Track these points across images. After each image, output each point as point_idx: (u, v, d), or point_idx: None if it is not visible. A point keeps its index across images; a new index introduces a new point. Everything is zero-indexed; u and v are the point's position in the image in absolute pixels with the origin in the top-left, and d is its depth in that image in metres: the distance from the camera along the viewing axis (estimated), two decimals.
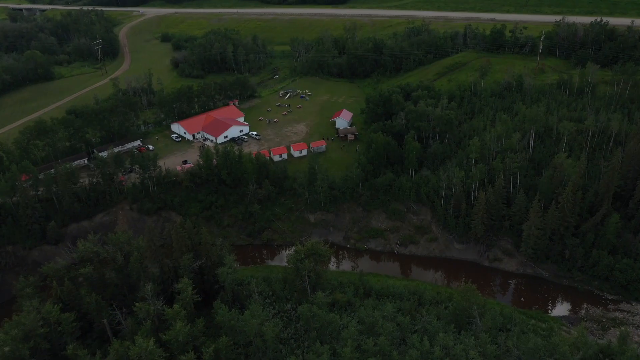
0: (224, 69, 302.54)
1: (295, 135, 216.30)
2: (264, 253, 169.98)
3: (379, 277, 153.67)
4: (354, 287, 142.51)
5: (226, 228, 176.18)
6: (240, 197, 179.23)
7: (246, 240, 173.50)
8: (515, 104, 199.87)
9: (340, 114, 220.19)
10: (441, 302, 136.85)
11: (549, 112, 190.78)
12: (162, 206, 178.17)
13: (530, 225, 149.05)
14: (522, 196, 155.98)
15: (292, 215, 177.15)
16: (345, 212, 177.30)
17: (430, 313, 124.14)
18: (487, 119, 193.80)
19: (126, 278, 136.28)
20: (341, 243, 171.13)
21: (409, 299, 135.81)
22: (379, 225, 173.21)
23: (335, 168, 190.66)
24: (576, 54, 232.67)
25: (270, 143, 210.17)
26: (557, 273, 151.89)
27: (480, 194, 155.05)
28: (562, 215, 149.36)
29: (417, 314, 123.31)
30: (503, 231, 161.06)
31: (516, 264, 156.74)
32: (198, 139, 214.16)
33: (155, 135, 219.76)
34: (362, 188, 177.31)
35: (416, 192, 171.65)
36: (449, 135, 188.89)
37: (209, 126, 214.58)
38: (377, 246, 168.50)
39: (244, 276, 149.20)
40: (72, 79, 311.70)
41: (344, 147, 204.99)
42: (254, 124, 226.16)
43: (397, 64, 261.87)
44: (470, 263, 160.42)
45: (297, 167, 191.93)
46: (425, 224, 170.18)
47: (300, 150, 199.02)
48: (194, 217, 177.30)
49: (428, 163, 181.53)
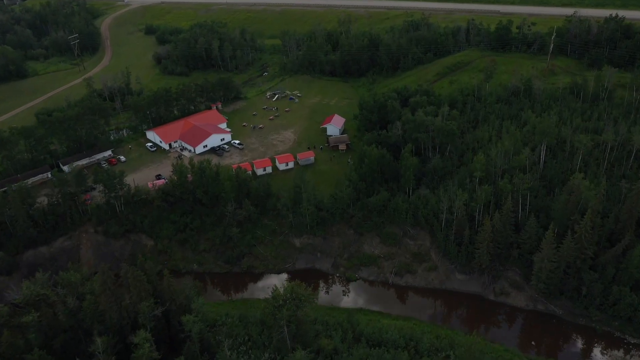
0: (209, 66, 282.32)
1: (282, 143, 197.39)
2: (244, 283, 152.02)
3: (371, 315, 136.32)
4: (342, 330, 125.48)
5: (202, 253, 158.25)
6: (218, 218, 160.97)
7: (224, 267, 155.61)
8: (524, 111, 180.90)
9: (332, 119, 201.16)
10: (441, 350, 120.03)
11: (561, 121, 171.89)
12: (130, 228, 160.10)
13: (543, 258, 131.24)
14: (533, 222, 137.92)
15: (275, 239, 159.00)
16: (335, 236, 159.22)
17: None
18: (493, 129, 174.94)
19: (80, 322, 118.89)
20: (329, 271, 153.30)
21: (404, 347, 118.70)
22: (371, 250, 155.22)
23: (324, 183, 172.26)
24: (589, 53, 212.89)
25: (254, 153, 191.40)
26: (572, 311, 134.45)
27: (486, 221, 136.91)
28: (579, 246, 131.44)
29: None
30: (511, 261, 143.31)
31: (525, 299, 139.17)
32: (175, 148, 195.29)
33: (129, 143, 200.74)
34: (353, 208, 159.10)
35: (413, 215, 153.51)
36: (450, 147, 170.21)
37: (186, 134, 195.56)
38: (370, 275, 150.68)
39: (218, 315, 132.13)
40: (47, 76, 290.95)
41: (335, 157, 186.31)
42: (237, 131, 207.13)
43: (394, 62, 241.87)
44: (473, 296, 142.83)
45: (282, 182, 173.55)
46: (423, 251, 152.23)
47: (286, 163, 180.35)
48: (166, 240, 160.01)
49: (427, 180, 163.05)
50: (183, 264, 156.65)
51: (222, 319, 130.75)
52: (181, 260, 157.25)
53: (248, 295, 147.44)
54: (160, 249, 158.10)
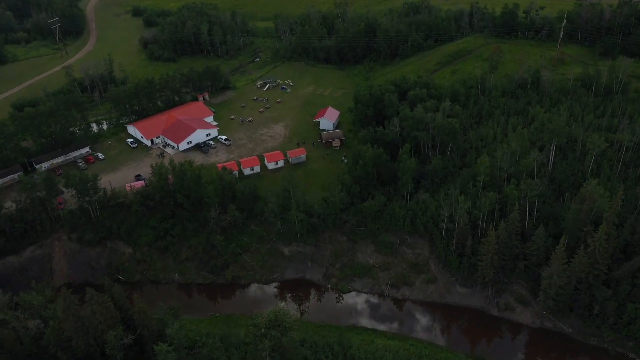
0: (198, 51, 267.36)
1: (272, 139, 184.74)
2: (228, 295, 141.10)
3: (364, 334, 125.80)
4: (332, 354, 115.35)
5: (184, 262, 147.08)
6: (201, 223, 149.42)
7: (207, 277, 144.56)
8: (531, 106, 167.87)
9: (325, 113, 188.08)
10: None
11: (571, 118, 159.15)
12: (107, 235, 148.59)
13: (552, 274, 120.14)
14: (542, 232, 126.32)
15: (262, 247, 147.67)
16: (327, 243, 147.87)
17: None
18: (498, 126, 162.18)
19: (45, 349, 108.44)
20: (321, 282, 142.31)
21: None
22: (366, 260, 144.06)
23: (316, 184, 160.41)
24: (602, 40, 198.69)
25: (242, 150, 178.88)
26: (582, 330, 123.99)
27: (490, 231, 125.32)
28: (591, 261, 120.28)
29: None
30: (517, 273, 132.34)
31: (532, 315, 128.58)
32: (157, 144, 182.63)
33: (109, 139, 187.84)
34: (346, 213, 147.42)
35: (411, 222, 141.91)
36: (451, 146, 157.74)
37: (169, 130, 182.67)
38: (364, 287, 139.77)
39: (198, 334, 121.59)
40: (28, 62, 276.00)
41: (328, 155, 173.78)
42: (225, 125, 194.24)
43: (393, 49, 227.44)
44: (475, 311, 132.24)
45: (271, 183, 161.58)
46: (421, 261, 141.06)
47: (275, 162, 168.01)
48: (145, 247, 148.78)
49: (426, 183, 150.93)
50: (163, 274, 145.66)
51: (202, 339, 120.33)
52: (161, 270, 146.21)
53: (232, 309, 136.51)
54: (139, 258, 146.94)
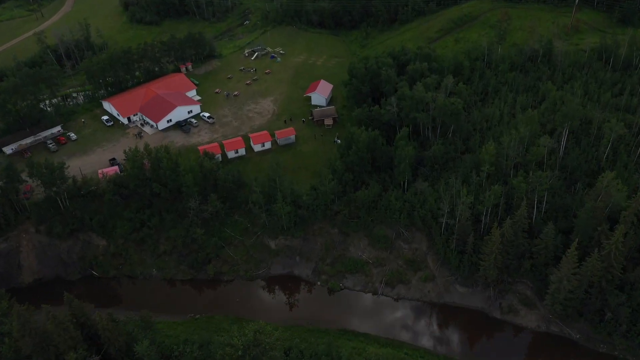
0: (183, 13, 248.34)
1: (259, 116, 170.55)
2: (210, 293, 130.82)
3: (356, 340, 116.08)
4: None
5: (162, 256, 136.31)
6: (180, 214, 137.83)
7: (188, 273, 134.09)
8: (542, 82, 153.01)
9: (317, 87, 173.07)
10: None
11: (587, 97, 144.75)
12: (78, 227, 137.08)
13: (561, 278, 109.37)
14: (551, 230, 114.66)
15: (247, 240, 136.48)
16: (317, 236, 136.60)
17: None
18: (505, 105, 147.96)
19: None
20: (310, 278, 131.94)
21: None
22: (359, 254, 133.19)
23: (306, 169, 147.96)
24: (620, 6, 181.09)
25: (227, 129, 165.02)
26: (591, 336, 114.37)
27: (494, 230, 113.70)
28: (605, 265, 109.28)
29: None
30: (522, 272, 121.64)
31: (537, 319, 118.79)
32: (135, 122, 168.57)
33: (83, 115, 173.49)
34: (338, 203, 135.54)
35: (408, 215, 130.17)
36: (453, 128, 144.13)
37: (148, 106, 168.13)
38: (356, 285, 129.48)
39: (175, 341, 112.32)
40: (0, 25, 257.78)
41: (322, 136, 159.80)
42: (208, 99, 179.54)
43: (392, 13, 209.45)
44: (475, 313, 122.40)
45: (257, 167, 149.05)
46: (419, 257, 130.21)
47: (262, 144, 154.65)
48: (120, 240, 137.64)
49: (426, 170, 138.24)
50: (140, 269, 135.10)
51: (179, 347, 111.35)
52: (138, 265, 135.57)
53: (214, 309, 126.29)
54: (113, 251, 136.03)
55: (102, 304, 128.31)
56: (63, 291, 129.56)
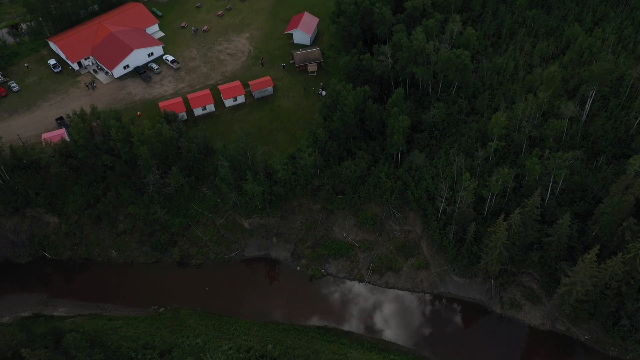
0: None
1: (232, 59, 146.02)
2: (176, 280, 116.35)
3: (337, 341, 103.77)
4: None
5: (122, 236, 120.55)
6: (139, 189, 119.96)
7: (151, 255, 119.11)
8: (568, 23, 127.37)
9: (300, 22, 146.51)
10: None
11: (620, 45, 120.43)
12: (23, 203, 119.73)
13: (575, 282, 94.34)
14: (566, 221, 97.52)
15: (217, 217, 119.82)
16: (296, 213, 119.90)
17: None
18: (521, 54, 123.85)
19: None
20: (288, 262, 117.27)
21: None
22: (343, 236, 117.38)
23: (285, 129, 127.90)
24: None
25: (194, 76, 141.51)
26: (601, 338, 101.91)
27: (500, 223, 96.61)
28: (628, 269, 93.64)
29: None
30: (528, 263, 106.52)
31: (542, 316, 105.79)
32: (87, 68, 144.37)
33: (26, 58, 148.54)
34: (320, 177, 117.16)
35: (401, 193, 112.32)
36: (457, 83, 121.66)
37: (100, 49, 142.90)
38: (340, 271, 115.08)
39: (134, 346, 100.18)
40: None
41: (305, 88, 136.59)
42: (173, 36, 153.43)
43: None
44: (473, 306, 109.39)
45: (228, 127, 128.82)
46: (411, 241, 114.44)
47: (234, 98, 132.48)
48: (74, 216, 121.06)
49: (423, 136, 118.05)
50: (98, 250, 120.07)
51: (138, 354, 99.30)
52: (95, 245, 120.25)
53: (181, 299, 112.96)
54: (66, 230, 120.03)
55: (55, 292, 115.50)
56: (13, 276, 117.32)
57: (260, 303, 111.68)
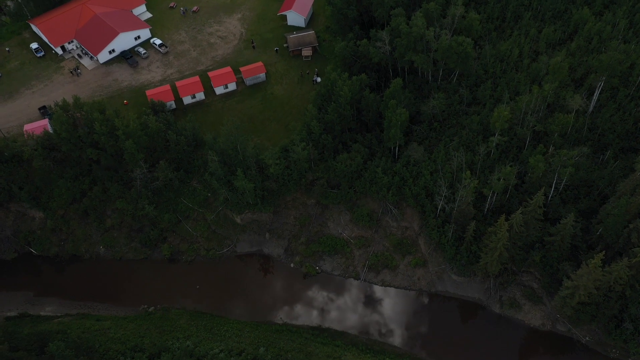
0: None
1: (223, 42, 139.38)
2: (166, 278, 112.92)
3: (331, 343, 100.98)
4: None
5: (110, 232, 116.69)
6: (126, 183, 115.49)
7: (140, 252, 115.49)
8: (576, 7, 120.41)
9: (294, 2, 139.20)
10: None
11: (632, 30, 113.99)
12: (6, 197, 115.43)
13: (578, 286, 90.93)
14: (570, 221, 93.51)
15: (208, 212, 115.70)
16: (289, 208, 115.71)
17: None
18: (527, 40, 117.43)
19: None
20: (282, 258, 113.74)
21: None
22: (339, 232, 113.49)
23: (278, 120, 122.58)
24: None
25: (183, 61, 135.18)
26: (603, 340, 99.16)
27: (501, 223, 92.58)
28: (634, 273, 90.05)
29: None
30: (529, 262, 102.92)
31: (542, 316, 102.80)
32: (71, 52, 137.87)
33: (8, 42, 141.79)
34: (314, 170, 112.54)
35: (398, 189, 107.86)
36: (458, 71, 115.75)
37: (84, 32, 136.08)
38: (335, 268, 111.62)
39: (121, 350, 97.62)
40: None
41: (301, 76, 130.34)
42: (161, 17, 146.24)
43: None
44: (471, 305, 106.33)
45: (219, 115, 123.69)
46: (409, 238, 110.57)
47: (225, 85, 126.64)
48: (60, 211, 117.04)
49: (421, 128, 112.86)
50: (86, 246, 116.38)
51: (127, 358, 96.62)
52: (83, 241, 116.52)
53: (171, 299, 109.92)
54: (52, 226, 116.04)
55: (42, 290, 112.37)
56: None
57: (253, 302, 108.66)
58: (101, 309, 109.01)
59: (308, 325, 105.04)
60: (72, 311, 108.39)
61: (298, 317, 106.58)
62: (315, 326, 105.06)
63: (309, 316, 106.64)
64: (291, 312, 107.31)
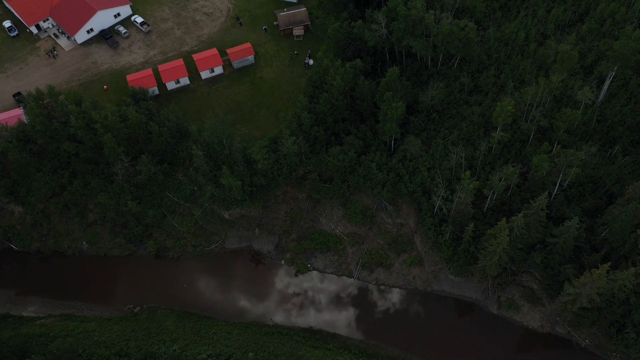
0: None
1: (209, 19, 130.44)
2: (152, 275, 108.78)
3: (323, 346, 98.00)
4: None
5: (93, 227, 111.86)
6: (108, 177, 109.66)
7: (125, 248, 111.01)
8: None
9: None
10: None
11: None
12: None
13: (581, 293, 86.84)
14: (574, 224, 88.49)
15: (195, 207, 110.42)
16: (280, 203, 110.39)
17: None
18: (533, 21, 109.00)
19: None
20: (272, 255, 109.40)
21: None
22: (331, 228, 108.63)
23: (268, 106, 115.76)
24: None
25: (166, 41, 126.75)
26: (603, 344, 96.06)
27: (501, 226, 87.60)
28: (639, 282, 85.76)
29: None
30: (529, 263, 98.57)
31: (541, 318, 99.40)
32: (47, 30, 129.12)
33: None
34: (305, 163, 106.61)
35: (394, 185, 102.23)
36: (459, 58, 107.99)
37: (60, 9, 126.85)
38: (327, 266, 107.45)
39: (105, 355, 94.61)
40: None
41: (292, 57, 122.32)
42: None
43: None
44: (468, 305, 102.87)
45: (205, 102, 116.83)
46: (404, 235, 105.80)
47: (211, 69, 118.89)
48: (40, 205, 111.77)
49: (419, 120, 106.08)
50: (68, 242, 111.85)
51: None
52: (65, 237, 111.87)
53: (158, 298, 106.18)
54: (32, 220, 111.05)
55: (24, 289, 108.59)
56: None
57: (242, 301, 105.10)
58: (85, 309, 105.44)
59: (299, 327, 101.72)
60: (56, 312, 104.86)
61: (289, 317, 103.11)
62: (307, 328, 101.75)
63: (300, 317, 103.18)
64: (281, 312, 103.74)
